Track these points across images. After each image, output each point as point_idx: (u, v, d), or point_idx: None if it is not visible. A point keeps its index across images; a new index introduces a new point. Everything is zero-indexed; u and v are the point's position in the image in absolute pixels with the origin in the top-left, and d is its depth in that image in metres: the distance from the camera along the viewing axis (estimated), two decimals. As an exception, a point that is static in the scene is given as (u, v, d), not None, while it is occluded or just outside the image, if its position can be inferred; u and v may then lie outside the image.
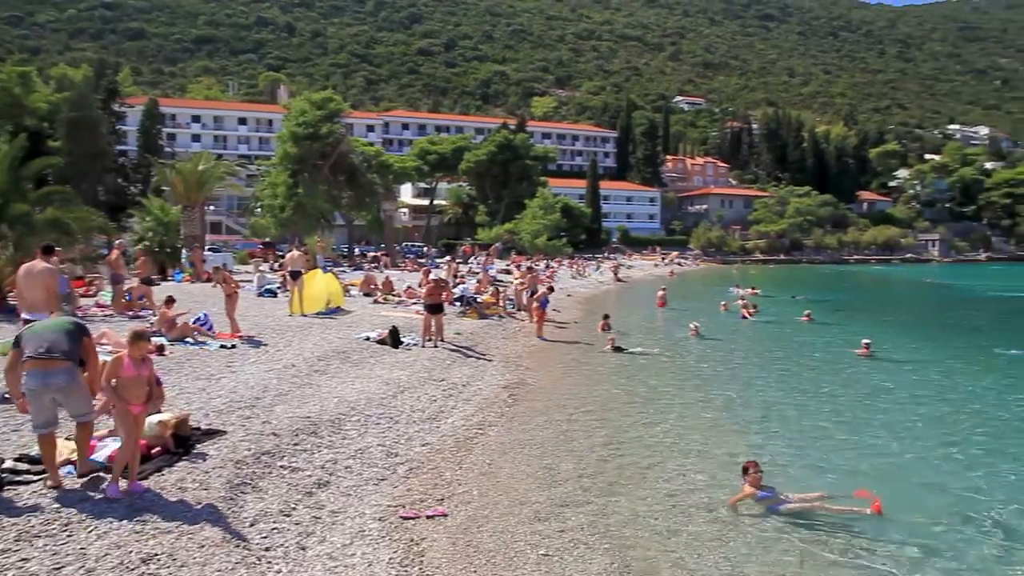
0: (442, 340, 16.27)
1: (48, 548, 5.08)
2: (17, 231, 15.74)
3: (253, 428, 8.36)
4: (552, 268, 49.57)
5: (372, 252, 55.04)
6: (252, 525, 6.02)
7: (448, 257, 49.46)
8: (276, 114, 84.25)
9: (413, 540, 6.28)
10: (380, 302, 23.49)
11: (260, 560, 5.49)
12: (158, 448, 7.07)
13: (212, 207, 60.32)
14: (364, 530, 6.35)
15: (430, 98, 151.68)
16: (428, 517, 6.82)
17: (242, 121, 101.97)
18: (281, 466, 7.46)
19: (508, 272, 37.17)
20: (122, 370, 6.04)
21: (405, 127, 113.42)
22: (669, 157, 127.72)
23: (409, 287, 25.68)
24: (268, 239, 52.98)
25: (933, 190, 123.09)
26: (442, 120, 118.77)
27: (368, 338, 15.47)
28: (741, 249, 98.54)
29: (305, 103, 50.42)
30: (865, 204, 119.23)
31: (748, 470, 7.44)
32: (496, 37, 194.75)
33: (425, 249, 66.18)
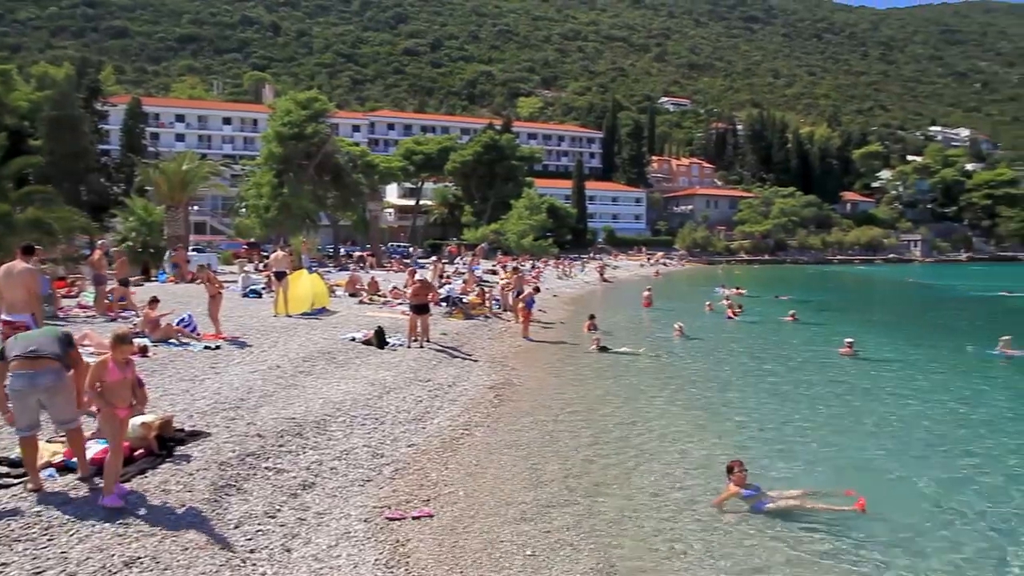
0: (428, 341, 16.25)
1: (28, 552, 5.02)
2: (-3, 231, 15.59)
3: (238, 429, 8.31)
4: (538, 268, 49.62)
5: (358, 252, 54.86)
6: (237, 527, 5.99)
7: (434, 257, 49.43)
8: (261, 114, 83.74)
9: (399, 541, 6.27)
10: (366, 303, 23.42)
11: (245, 562, 5.45)
12: (141, 450, 7.01)
13: (196, 207, 59.87)
14: (350, 531, 6.33)
15: (416, 98, 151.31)
16: (414, 518, 6.81)
17: (227, 121, 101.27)
18: (266, 468, 7.42)
19: (494, 272, 37.19)
20: (107, 374, 5.97)
21: (391, 127, 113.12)
22: (655, 158, 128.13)
23: (395, 287, 25.62)
24: (253, 239, 52.63)
25: (915, 191, 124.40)
26: (428, 120, 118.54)
27: (354, 339, 15.41)
28: (726, 249, 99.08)
29: (290, 103, 50.16)
30: (848, 205, 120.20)
31: (733, 469, 7.49)
32: (482, 37, 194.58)
33: (411, 250, 66.06)
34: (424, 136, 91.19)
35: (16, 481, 6.09)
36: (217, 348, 13.07)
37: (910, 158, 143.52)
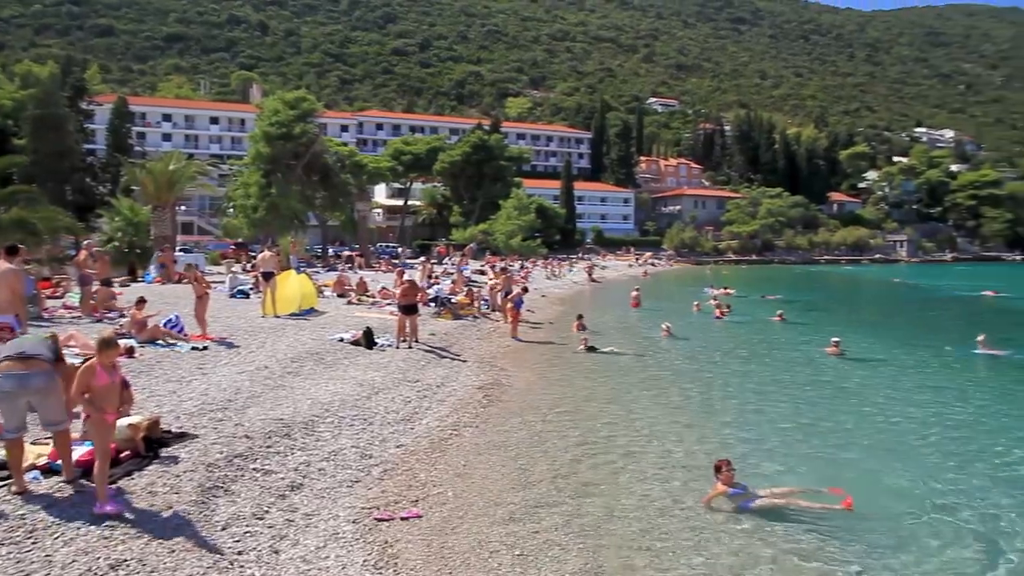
0: (416, 341, 16.23)
1: (12, 556, 4.98)
2: (-20, 231, 15.43)
3: (225, 431, 8.27)
4: (526, 268, 49.65)
5: (346, 252, 54.70)
6: (224, 529, 5.96)
7: (423, 258, 49.34)
8: (248, 113, 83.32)
9: (387, 542, 6.25)
10: (354, 303, 23.36)
11: (232, 564, 5.43)
12: (127, 452, 6.97)
13: (183, 207, 59.46)
14: (338, 532, 6.31)
15: (404, 98, 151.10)
16: (402, 519, 6.80)
17: (214, 120, 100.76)
18: (254, 469, 7.38)
19: (482, 273, 37.14)
20: (95, 379, 5.90)
21: (379, 127, 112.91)
22: (643, 158, 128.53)
23: (383, 288, 25.56)
24: (240, 240, 52.38)
25: (901, 192, 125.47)
26: (416, 120, 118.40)
27: (342, 339, 15.37)
28: (714, 250, 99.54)
29: (278, 102, 49.96)
30: (835, 205, 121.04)
31: (720, 468, 7.52)
32: (471, 38, 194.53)
33: (399, 250, 65.94)
34: (413, 136, 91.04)
35: (0, 484, 6.04)
36: (204, 349, 13.00)
37: (896, 159, 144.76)
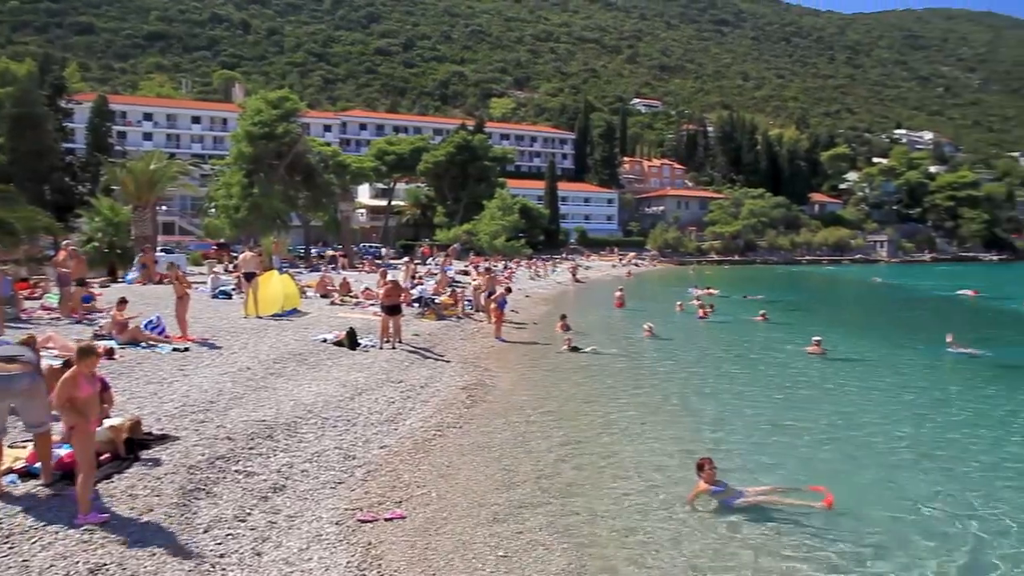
0: (400, 341, 16.20)
1: (-10, 560, 4.92)
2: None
3: (207, 432, 8.21)
4: (510, 269, 49.65)
5: (329, 253, 54.45)
6: (206, 532, 5.92)
7: (406, 258, 49.20)
8: (231, 113, 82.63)
9: (371, 543, 6.24)
10: (337, 304, 23.26)
11: (214, 567, 5.39)
12: (107, 454, 6.90)
13: (164, 207, 58.89)
14: (321, 534, 6.29)
15: (388, 98, 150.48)
16: (386, 520, 6.79)
17: (196, 119, 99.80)
18: (236, 471, 7.34)
19: (466, 273, 37.12)
20: (78, 391, 5.83)
21: (363, 127, 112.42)
22: (626, 159, 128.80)
23: (367, 288, 25.47)
24: (222, 240, 51.96)
25: (881, 192, 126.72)
26: (400, 120, 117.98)
27: (325, 340, 15.31)
28: (697, 250, 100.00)
29: (260, 102, 49.55)
30: (817, 206, 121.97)
31: (703, 466, 7.57)
32: (454, 38, 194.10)
33: (383, 250, 65.70)
34: (396, 136, 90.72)
35: (-23, 487, 5.96)
36: (186, 350, 12.89)
37: (876, 160, 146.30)
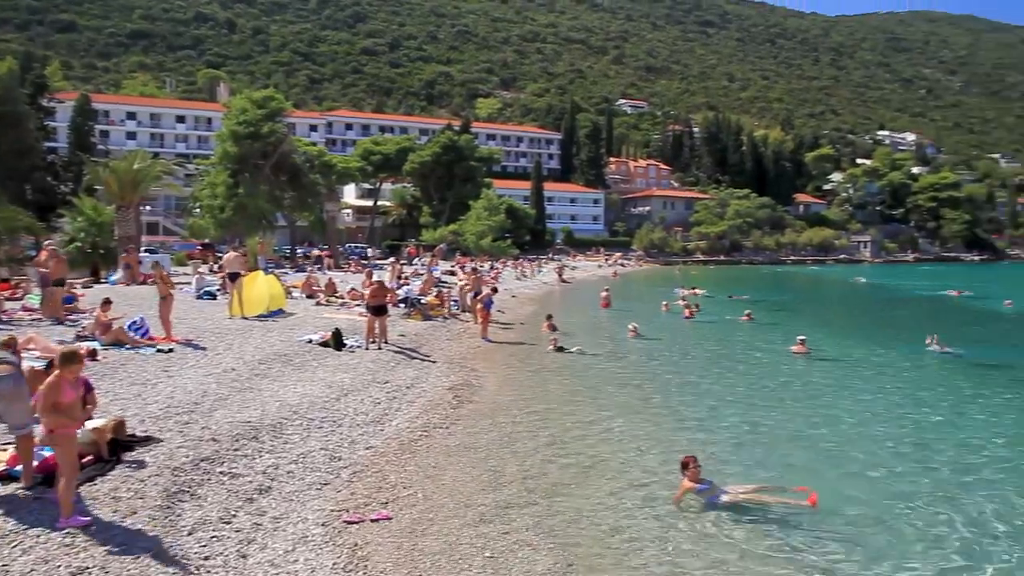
0: (386, 342, 16.17)
1: (-30, 564, 4.87)
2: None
3: (191, 434, 8.16)
4: (496, 269, 49.64)
5: (315, 253, 54.21)
6: (190, 534, 5.88)
7: (392, 258, 49.08)
8: (216, 112, 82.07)
9: (357, 545, 6.22)
10: (323, 304, 23.16)
11: (199, 570, 5.36)
12: (90, 456, 6.83)
13: (148, 207, 58.38)
14: (307, 536, 6.27)
15: (374, 98, 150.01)
16: (372, 521, 6.77)
17: (180, 119, 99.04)
18: (221, 472, 7.30)
19: (452, 273, 37.07)
20: (62, 396, 5.76)
21: (349, 127, 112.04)
22: (612, 159, 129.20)
23: (352, 289, 25.38)
24: (207, 240, 51.62)
25: (865, 193, 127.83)
26: (386, 120, 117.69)
27: (310, 340, 15.24)
28: (683, 250, 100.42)
29: (246, 101, 49.25)
30: (801, 206, 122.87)
31: (687, 464, 7.62)
32: (441, 38, 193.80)
33: (369, 251, 65.47)
34: (382, 136, 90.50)
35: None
36: (170, 351, 12.79)
37: (860, 161, 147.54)
